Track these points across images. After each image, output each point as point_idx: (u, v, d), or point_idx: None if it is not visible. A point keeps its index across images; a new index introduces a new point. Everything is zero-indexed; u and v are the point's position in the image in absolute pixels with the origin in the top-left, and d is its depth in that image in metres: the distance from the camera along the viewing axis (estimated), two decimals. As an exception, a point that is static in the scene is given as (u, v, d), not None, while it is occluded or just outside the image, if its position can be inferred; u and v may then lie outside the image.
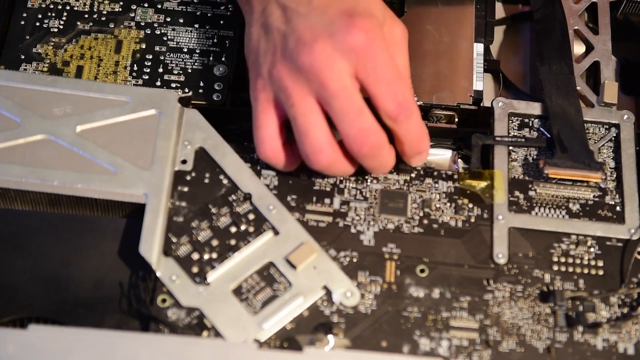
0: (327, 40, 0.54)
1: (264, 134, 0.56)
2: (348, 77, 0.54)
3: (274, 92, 0.56)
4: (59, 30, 0.66)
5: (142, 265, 0.55)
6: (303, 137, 0.55)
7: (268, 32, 0.56)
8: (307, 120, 0.55)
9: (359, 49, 0.54)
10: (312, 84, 0.54)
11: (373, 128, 0.55)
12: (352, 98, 0.54)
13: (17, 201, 0.58)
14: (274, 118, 0.56)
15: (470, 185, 0.60)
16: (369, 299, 0.56)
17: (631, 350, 0.55)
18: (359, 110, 0.54)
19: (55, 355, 0.50)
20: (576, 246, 0.58)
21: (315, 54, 0.54)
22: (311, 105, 0.55)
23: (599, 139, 0.62)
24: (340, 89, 0.54)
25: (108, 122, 0.59)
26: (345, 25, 0.54)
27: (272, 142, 0.56)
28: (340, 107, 0.54)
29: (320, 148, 0.55)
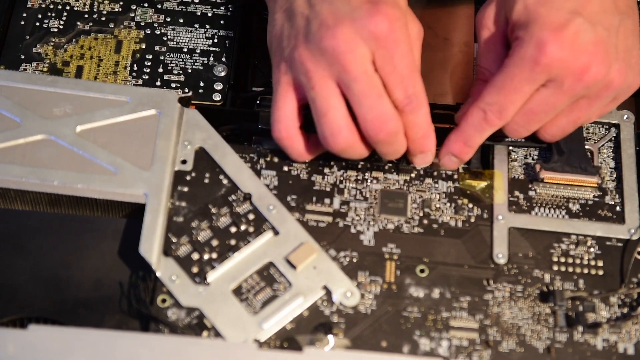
0: (350, 25, 0.54)
1: (281, 114, 0.57)
2: (369, 62, 0.54)
3: (295, 76, 0.56)
4: (59, 30, 0.66)
5: (142, 265, 0.55)
6: (322, 118, 0.55)
7: (292, 18, 0.57)
8: (327, 101, 0.55)
9: (380, 36, 0.54)
10: (333, 67, 0.54)
11: (390, 114, 0.55)
12: (372, 82, 0.54)
13: (17, 201, 0.58)
14: (294, 101, 0.56)
15: (470, 186, 0.60)
16: (369, 299, 0.56)
17: (631, 350, 0.55)
18: (379, 95, 0.54)
19: (55, 355, 0.50)
20: (576, 246, 0.58)
21: (338, 38, 0.54)
22: (331, 88, 0.55)
23: (598, 139, 0.62)
24: (361, 73, 0.54)
25: (108, 122, 0.59)
26: (369, 12, 0.54)
27: (288, 122, 0.57)
28: (360, 91, 0.54)
29: (339, 130, 0.55)
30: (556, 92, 0.55)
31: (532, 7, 0.54)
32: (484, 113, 0.56)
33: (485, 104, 0.56)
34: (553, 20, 0.53)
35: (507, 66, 0.54)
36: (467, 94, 0.65)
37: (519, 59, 0.54)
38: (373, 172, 0.60)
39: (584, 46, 0.53)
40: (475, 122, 0.56)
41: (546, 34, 0.53)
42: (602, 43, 0.54)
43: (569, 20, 0.53)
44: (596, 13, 0.54)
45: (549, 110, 0.56)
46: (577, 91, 0.55)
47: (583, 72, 0.54)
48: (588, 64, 0.54)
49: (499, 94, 0.55)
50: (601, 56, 0.54)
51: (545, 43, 0.53)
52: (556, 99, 0.55)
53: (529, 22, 0.54)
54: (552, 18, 0.53)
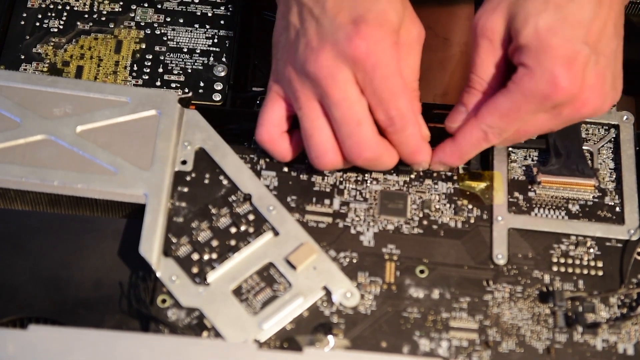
0: (332, 49, 0.54)
1: (266, 118, 0.57)
2: (351, 86, 0.54)
3: (284, 90, 0.56)
4: (59, 30, 0.66)
5: (142, 265, 0.55)
6: (308, 140, 0.56)
7: (287, 27, 0.57)
8: (312, 123, 0.55)
9: (359, 60, 0.53)
10: (316, 89, 0.55)
11: (369, 142, 0.55)
12: (353, 109, 0.54)
13: (17, 201, 0.58)
14: (281, 109, 0.57)
15: (469, 187, 0.60)
16: (369, 300, 0.56)
17: (631, 350, 0.55)
18: (357, 123, 0.54)
19: (55, 355, 0.50)
20: (576, 247, 0.58)
21: (320, 63, 0.54)
22: (316, 110, 0.55)
23: (598, 140, 0.62)
24: (341, 99, 0.54)
25: (108, 123, 0.59)
26: (349, 34, 0.53)
27: (271, 127, 0.57)
28: (340, 117, 0.54)
29: (324, 152, 0.56)
30: (553, 118, 0.55)
31: (543, 35, 0.53)
32: (485, 134, 0.56)
33: (487, 126, 0.55)
34: (565, 54, 0.53)
35: (514, 93, 0.54)
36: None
37: (529, 91, 0.53)
38: (373, 173, 0.60)
39: (589, 80, 0.53)
40: (474, 141, 0.56)
41: (558, 69, 0.52)
42: (602, 75, 0.54)
43: (579, 53, 0.53)
44: (601, 41, 0.54)
45: (541, 130, 0.56)
46: (572, 118, 0.55)
47: (583, 105, 0.54)
48: (589, 98, 0.54)
49: (503, 120, 0.55)
50: (600, 90, 0.54)
51: (557, 79, 0.52)
52: (550, 123, 0.55)
53: (540, 52, 0.53)
54: (564, 50, 0.53)
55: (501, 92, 0.54)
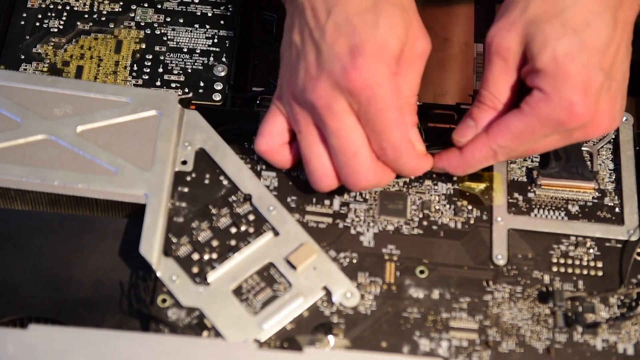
0: (328, 79, 0.54)
1: (266, 129, 0.57)
2: (348, 116, 0.54)
3: (286, 109, 0.57)
4: (59, 30, 0.66)
5: (142, 265, 0.55)
6: (306, 164, 0.56)
7: (290, 45, 0.57)
8: (310, 149, 0.56)
9: (354, 92, 0.53)
10: (315, 117, 0.55)
11: (365, 172, 0.55)
12: (350, 139, 0.54)
13: (17, 201, 0.58)
14: (282, 122, 0.57)
15: (469, 187, 0.60)
16: (369, 300, 0.56)
17: (630, 350, 0.55)
18: (354, 153, 0.55)
19: (55, 355, 0.50)
20: (575, 247, 0.58)
21: (317, 93, 0.54)
22: (314, 136, 0.56)
23: (597, 141, 0.62)
24: (338, 129, 0.54)
25: (108, 123, 0.59)
26: (345, 66, 0.53)
27: (270, 139, 0.57)
28: (336, 146, 0.55)
29: (320, 177, 0.56)
30: (563, 139, 0.55)
31: (561, 61, 0.52)
32: (494, 153, 0.56)
33: (498, 146, 0.55)
34: (582, 81, 0.52)
35: (528, 117, 0.54)
36: (466, 94, 0.65)
37: (544, 116, 0.53)
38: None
39: (602, 105, 0.54)
40: (482, 158, 0.56)
41: (575, 96, 0.52)
42: (614, 99, 0.55)
43: (595, 80, 0.53)
44: (614, 65, 0.54)
45: (548, 149, 0.57)
46: (582, 139, 0.56)
47: (595, 129, 0.54)
48: (601, 123, 0.54)
49: (514, 141, 0.55)
50: (611, 114, 0.54)
51: (574, 106, 0.52)
52: (559, 143, 0.56)
53: (558, 78, 0.53)
54: (581, 78, 0.52)
55: (514, 114, 0.54)
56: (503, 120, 0.55)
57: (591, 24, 0.53)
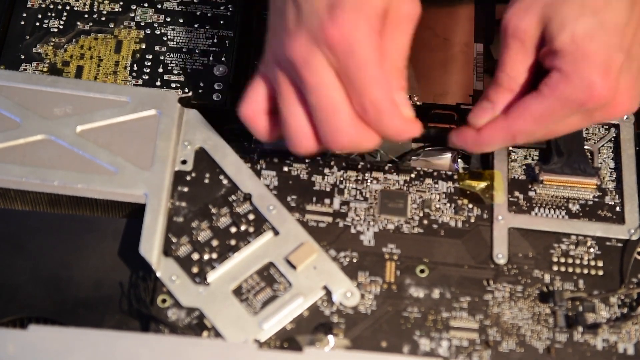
0: (307, 34, 0.52)
1: (251, 95, 0.56)
2: (327, 71, 0.53)
3: (268, 72, 0.56)
4: (58, 30, 0.66)
5: (142, 265, 0.55)
6: (284, 125, 0.55)
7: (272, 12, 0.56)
8: (288, 109, 0.54)
9: (333, 47, 0.52)
10: (292, 74, 0.54)
11: (345, 129, 0.54)
12: (328, 95, 0.53)
13: (17, 201, 0.58)
14: (265, 89, 0.56)
15: (470, 186, 0.60)
16: (369, 299, 0.56)
17: (631, 350, 0.55)
18: (333, 109, 0.53)
19: (55, 355, 0.50)
20: (576, 246, 0.58)
21: (294, 48, 0.53)
22: (293, 95, 0.54)
23: (598, 140, 0.62)
24: (316, 85, 0.53)
25: (108, 122, 0.59)
26: (323, 20, 0.52)
27: (255, 105, 0.56)
28: (315, 103, 0.53)
29: (299, 138, 0.55)
30: (583, 120, 0.55)
31: (580, 41, 0.52)
32: (513, 137, 0.55)
33: (518, 130, 0.55)
34: (601, 60, 0.52)
35: (548, 98, 0.53)
36: (466, 94, 0.65)
37: (565, 97, 0.53)
38: (373, 172, 0.60)
39: (622, 85, 0.53)
40: (500, 141, 0.56)
41: (596, 76, 0.52)
42: (634, 79, 0.54)
43: (614, 60, 0.52)
44: (633, 45, 0.54)
45: (569, 131, 0.56)
46: (603, 120, 0.55)
47: (616, 109, 0.54)
48: (622, 102, 0.54)
49: (534, 124, 0.54)
50: (631, 93, 0.54)
51: (594, 85, 0.52)
52: (580, 124, 0.55)
53: (577, 58, 0.52)
54: (601, 57, 0.52)
55: (534, 96, 0.54)
56: (522, 103, 0.54)
57: (610, 4, 0.53)
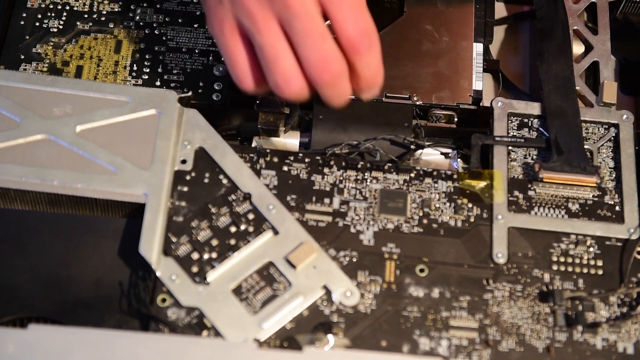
0: None
1: (241, 69, 0.55)
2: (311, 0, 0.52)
3: (236, 19, 0.54)
4: (58, 30, 0.66)
5: (142, 265, 0.55)
6: (272, 65, 0.53)
7: None
8: (274, 48, 0.53)
9: None
10: (274, 4, 0.52)
11: (335, 55, 0.53)
12: (315, 21, 0.52)
13: (17, 201, 0.58)
14: (244, 48, 0.55)
15: (469, 185, 0.60)
16: (369, 299, 0.56)
17: (630, 349, 0.55)
18: (322, 35, 0.52)
19: (55, 355, 0.50)
20: (575, 246, 0.58)
21: None
22: (277, 32, 0.53)
23: (598, 139, 0.62)
24: (303, 11, 0.52)
25: (108, 122, 0.59)
26: None
27: (251, 75, 0.55)
28: (303, 30, 0.52)
29: (291, 77, 0.54)
30: None
31: None
32: None
33: None
34: None
35: None
36: (466, 94, 0.65)
37: None
38: (373, 171, 0.60)
39: None
40: None
41: None
42: None
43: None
44: None
45: None
46: None
47: None
48: None
49: None
50: None
51: None
52: None
53: None
54: None
55: None
56: None
57: None
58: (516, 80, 0.69)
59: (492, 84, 0.68)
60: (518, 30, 0.72)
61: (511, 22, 0.72)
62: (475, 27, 0.67)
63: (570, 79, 0.63)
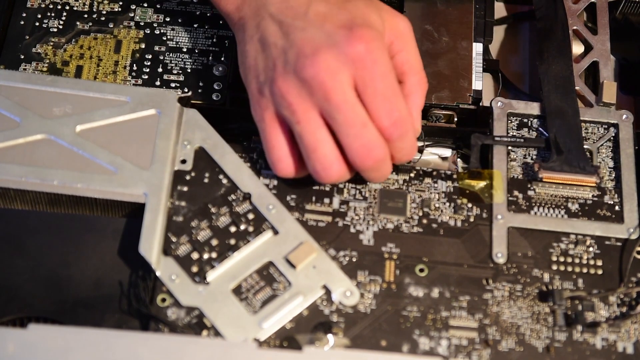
0: (329, 52, 0.54)
1: (279, 154, 0.56)
2: (350, 89, 0.54)
3: (276, 110, 0.56)
4: (58, 30, 0.66)
5: (142, 264, 0.55)
6: (312, 154, 0.55)
7: (265, 48, 0.56)
8: (314, 137, 0.55)
9: (359, 60, 0.54)
10: (315, 96, 0.54)
11: (377, 142, 0.55)
12: (356, 111, 0.54)
13: (17, 201, 0.58)
14: (283, 135, 0.56)
15: (469, 185, 0.60)
16: (369, 299, 0.56)
17: (630, 349, 0.55)
18: (363, 124, 0.54)
19: (55, 355, 0.50)
20: (575, 246, 0.58)
21: (319, 66, 0.53)
22: (316, 121, 0.54)
23: (597, 139, 0.62)
24: (344, 102, 0.54)
25: (108, 122, 0.59)
26: (346, 37, 0.54)
27: (287, 160, 0.56)
28: (345, 120, 0.54)
29: (330, 164, 0.55)
30: None
31: None
32: None
33: None
34: None
35: None
36: (466, 94, 0.65)
37: None
38: (372, 171, 0.60)
39: None
40: None
41: None
42: None
43: None
44: None
45: None
46: None
47: None
48: None
49: None
50: None
51: None
52: None
53: None
54: None
55: None
56: None
57: None
58: (516, 80, 0.69)
59: (492, 83, 0.68)
60: (518, 30, 0.72)
61: (511, 22, 0.72)
62: (475, 27, 0.67)
63: (569, 79, 0.63)
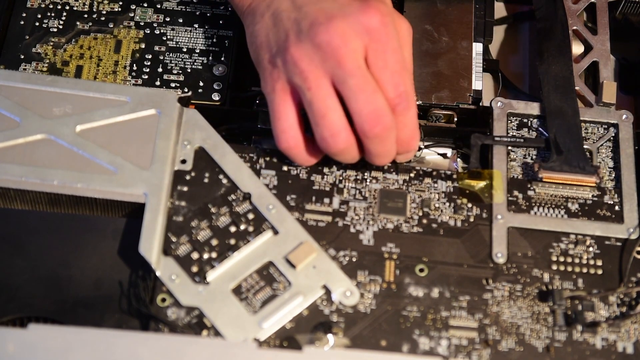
0: (343, 20, 0.54)
1: (285, 125, 0.56)
2: (362, 57, 0.55)
3: (288, 78, 0.56)
4: (58, 30, 0.66)
5: (142, 264, 0.55)
6: (320, 120, 0.55)
7: (278, 22, 0.57)
8: (324, 103, 0.55)
9: (373, 30, 0.54)
10: (327, 62, 0.54)
11: (386, 109, 0.55)
12: (367, 77, 0.54)
13: (17, 201, 0.58)
14: (293, 108, 0.56)
15: (469, 185, 0.60)
16: (369, 299, 0.56)
17: (630, 349, 0.55)
18: (374, 90, 0.54)
19: (55, 355, 0.50)
20: (575, 245, 0.58)
21: (332, 32, 0.54)
22: (327, 88, 0.55)
23: (597, 139, 0.62)
24: (357, 67, 0.54)
25: (108, 122, 0.59)
26: (361, 8, 0.55)
27: (293, 132, 0.56)
28: (356, 85, 0.54)
29: (338, 131, 0.55)
30: None
31: None
32: None
33: None
34: None
35: None
36: (466, 94, 0.65)
37: None
38: (372, 171, 0.60)
39: None
40: None
41: None
42: None
43: None
44: None
45: None
46: None
47: None
48: None
49: None
50: None
51: None
52: None
53: None
54: None
55: None
56: None
57: None
58: (516, 80, 0.69)
59: (492, 83, 0.68)
60: (518, 30, 0.72)
61: (511, 22, 0.72)
62: (475, 27, 0.67)
63: (569, 79, 0.63)
